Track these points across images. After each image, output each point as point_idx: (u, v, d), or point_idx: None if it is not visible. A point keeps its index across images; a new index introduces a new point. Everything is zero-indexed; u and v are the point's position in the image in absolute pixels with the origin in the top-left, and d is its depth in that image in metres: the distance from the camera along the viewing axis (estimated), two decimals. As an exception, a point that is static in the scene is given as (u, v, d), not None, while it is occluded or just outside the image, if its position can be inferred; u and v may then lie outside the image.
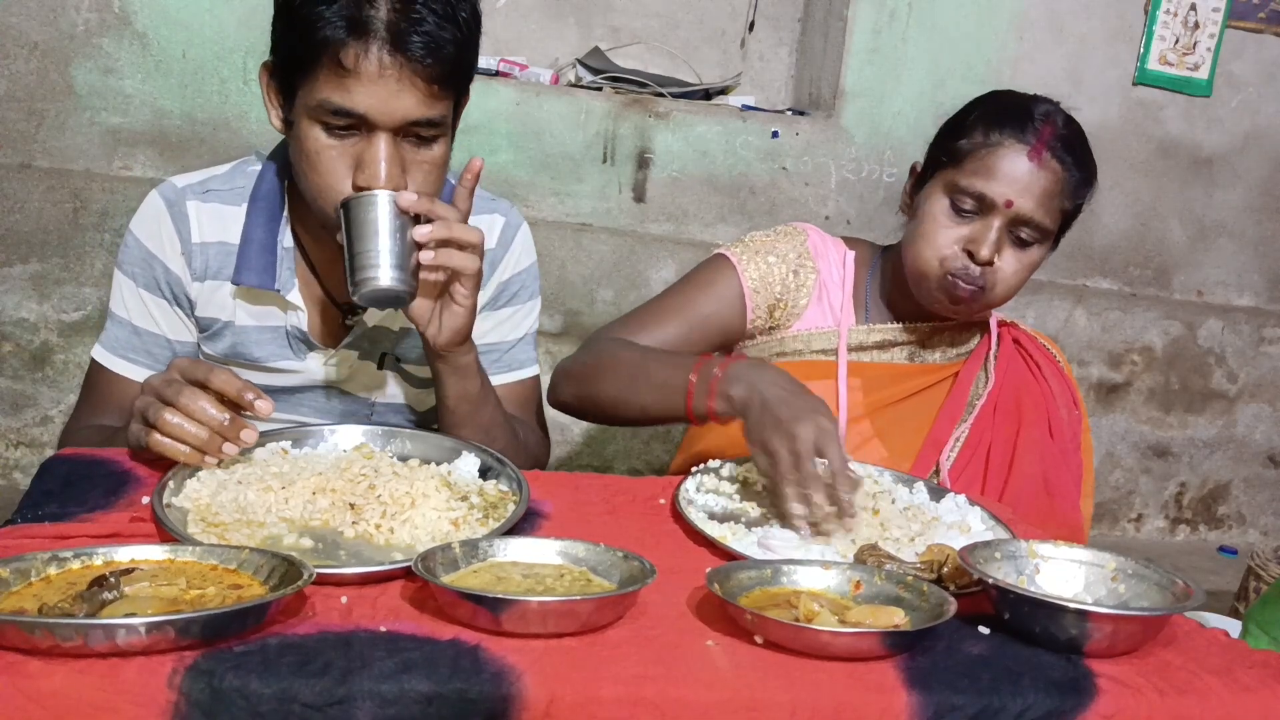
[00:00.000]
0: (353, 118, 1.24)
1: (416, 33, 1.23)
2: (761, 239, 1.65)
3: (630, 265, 2.81)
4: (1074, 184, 1.52)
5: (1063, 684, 0.90)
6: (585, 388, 1.52)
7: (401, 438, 1.30)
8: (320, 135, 1.27)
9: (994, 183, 1.49)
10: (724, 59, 3.25)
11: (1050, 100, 1.57)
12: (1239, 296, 3.48)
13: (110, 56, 2.62)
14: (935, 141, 1.61)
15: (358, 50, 1.22)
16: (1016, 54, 3.11)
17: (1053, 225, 1.53)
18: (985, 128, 1.52)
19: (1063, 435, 1.64)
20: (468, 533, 1.08)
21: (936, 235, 1.53)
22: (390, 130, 1.26)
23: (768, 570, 1.02)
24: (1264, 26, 3.27)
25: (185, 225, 1.42)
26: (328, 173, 1.28)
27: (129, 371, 1.44)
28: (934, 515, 1.29)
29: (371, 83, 1.23)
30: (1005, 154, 1.49)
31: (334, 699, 0.78)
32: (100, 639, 0.77)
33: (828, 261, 1.66)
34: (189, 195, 1.43)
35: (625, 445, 2.93)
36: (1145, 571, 1.06)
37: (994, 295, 1.55)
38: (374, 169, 1.25)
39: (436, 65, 1.25)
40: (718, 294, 1.61)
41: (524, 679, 0.81)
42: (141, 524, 1.04)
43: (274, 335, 1.45)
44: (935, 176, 1.56)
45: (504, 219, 1.54)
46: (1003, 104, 1.56)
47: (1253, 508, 3.51)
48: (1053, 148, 1.50)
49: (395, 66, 1.23)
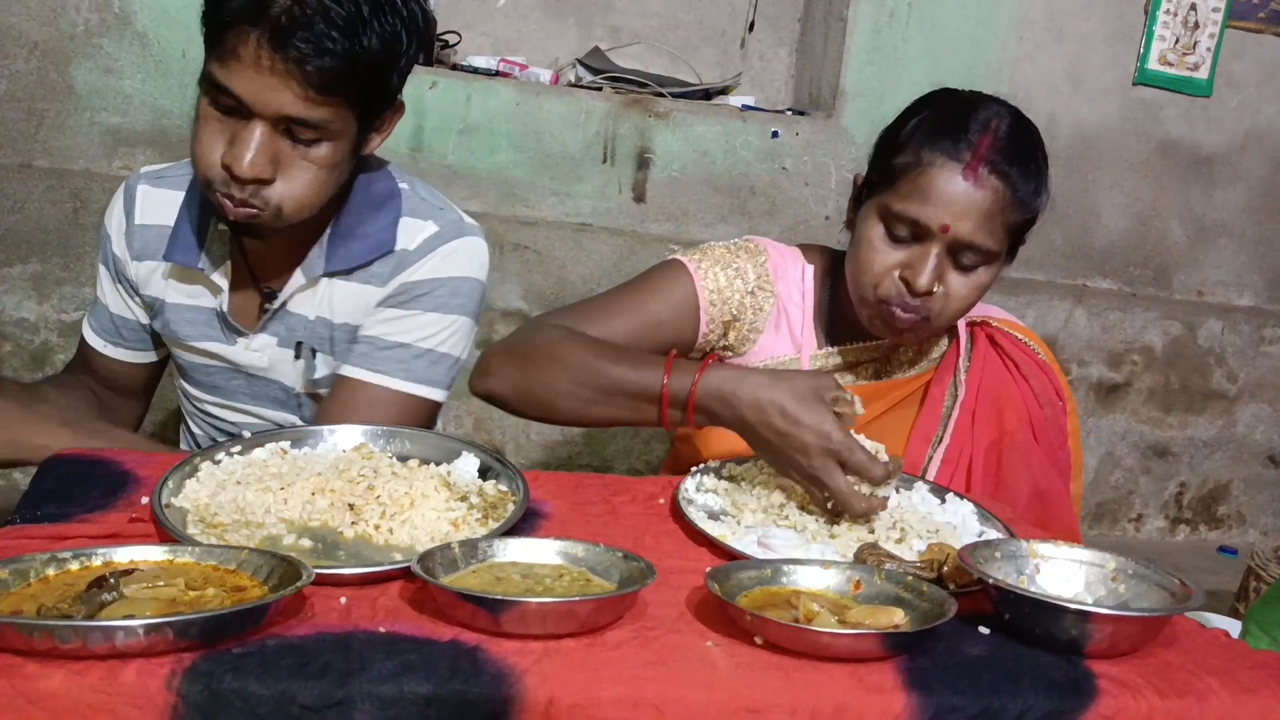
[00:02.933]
0: (232, 98, 1.27)
1: (300, 37, 1.23)
2: (721, 251, 1.56)
3: (630, 265, 2.80)
4: (1020, 197, 1.41)
5: (1063, 685, 0.90)
6: (529, 382, 1.38)
7: (401, 438, 1.30)
8: (206, 105, 1.31)
9: (927, 207, 1.38)
10: (724, 59, 3.25)
11: (994, 102, 1.45)
12: (1239, 296, 3.48)
13: (110, 56, 2.62)
14: (873, 154, 1.51)
15: (241, 35, 1.24)
16: (1016, 54, 3.11)
17: (998, 246, 1.42)
18: (918, 144, 1.41)
19: (1047, 434, 1.57)
20: (467, 533, 1.08)
21: (872, 262, 1.43)
22: (267, 120, 1.27)
23: (767, 570, 1.02)
24: (1264, 26, 3.27)
25: (132, 207, 1.51)
26: (205, 142, 1.31)
27: (102, 346, 1.59)
28: (930, 514, 1.29)
29: (249, 70, 1.25)
30: (938, 174, 1.38)
31: (333, 700, 0.77)
32: (99, 640, 0.77)
33: (787, 283, 1.58)
34: (144, 180, 1.53)
35: (625, 445, 2.93)
36: (1145, 572, 1.06)
37: (940, 321, 1.45)
38: (240, 150, 1.28)
39: (319, 72, 1.25)
40: (672, 299, 1.51)
41: (523, 680, 0.81)
42: (140, 524, 1.04)
43: (205, 316, 1.51)
44: (871, 198, 1.46)
45: (436, 228, 1.48)
46: (938, 115, 1.44)
47: (1253, 508, 3.51)
48: (991, 162, 1.38)
49: (271, 60, 1.24)
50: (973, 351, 1.60)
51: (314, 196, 1.36)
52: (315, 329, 1.50)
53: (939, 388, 1.57)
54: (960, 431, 1.54)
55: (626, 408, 1.33)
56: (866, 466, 1.19)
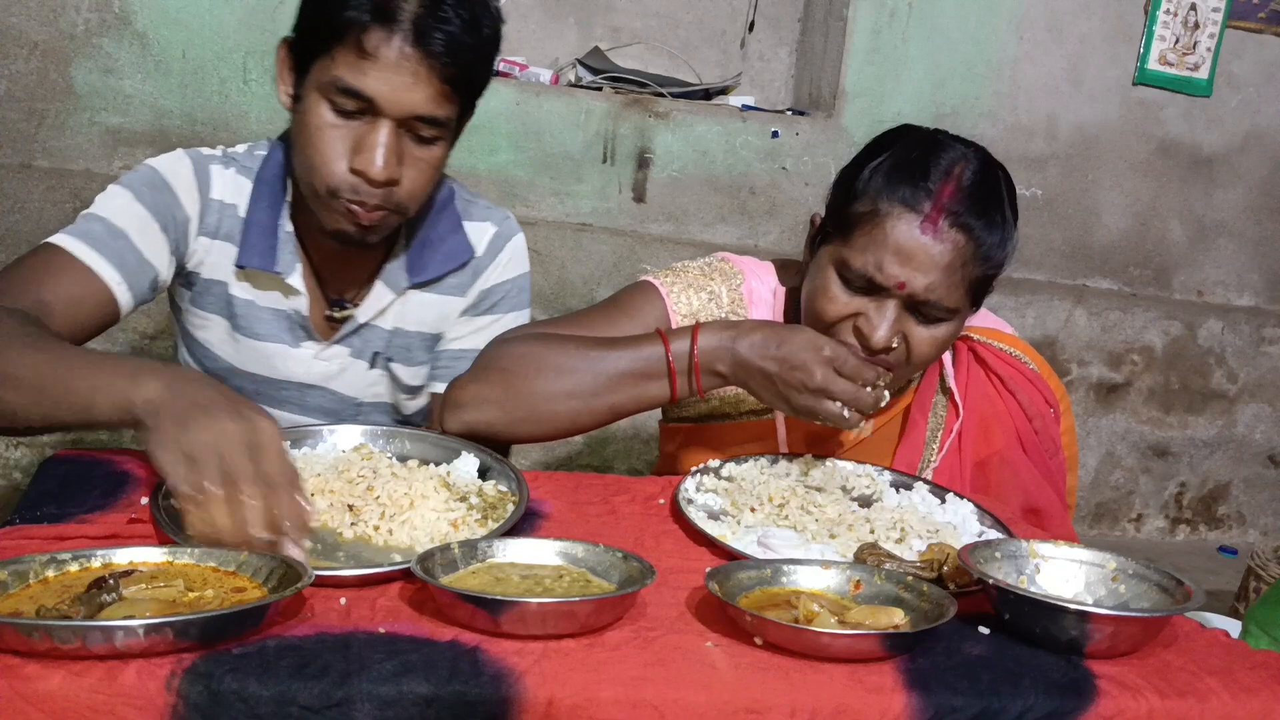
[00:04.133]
0: (362, 101, 1.27)
1: (440, 30, 1.26)
2: (694, 272, 1.51)
3: (630, 265, 2.80)
4: (984, 250, 1.32)
5: (1063, 685, 0.90)
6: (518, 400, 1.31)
7: (401, 438, 1.30)
8: (326, 112, 1.30)
9: (884, 262, 1.30)
10: (724, 59, 3.25)
11: (960, 144, 1.36)
12: (1239, 296, 3.48)
13: (110, 57, 2.62)
14: (830, 197, 1.44)
15: (380, 36, 1.25)
16: (1016, 54, 3.11)
17: (958, 302, 1.33)
18: (875, 192, 1.33)
19: (1038, 448, 1.52)
20: (467, 533, 1.08)
21: (826, 312, 1.35)
22: (395, 120, 1.28)
23: (767, 570, 1.02)
24: (1264, 26, 3.27)
25: (207, 180, 1.43)
26: (326, 149, 1.30)
27: (92, 260, 1.32)
28: (930, 514, 1.29)
29: (387, 70, 1.26)
30: (895, 226, 1.30)
31: (332, 701, 0.77)
32: (98, 641, 0.77)
33: (761, 306, 1.52)
34: (211, 160, 1.46)
35: (625, 445, 2.93)
36: (1145, 572, 1.06)
37: (904, 372, 1.39)
38: (372, 154, 1.28)
39: (453, 66, 1.28)
40: (642, 322, 1.44)
41: (523, 680, 0.81)
42: (140, 525, 1.04)
43: (275, 316, 1.47)
44: (826, 245, 1.39)
45: (495, 229, 1.54)
46: (898, 158, 1.35)
47: (1253, 508, 3.51)
48: (953, 213, 1.29)
49: (413, 59, 1.26)
50: (955, 369, 1.54)
51: (425, 195, 1.38)
52: (392, 340, 1.51)
53: (920, 411, 1.51)
54: (948, 454, 1.51)
55: (632, 389, 1.32)
56: (859, 369, 1.25)
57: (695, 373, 1.29)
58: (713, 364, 1.30)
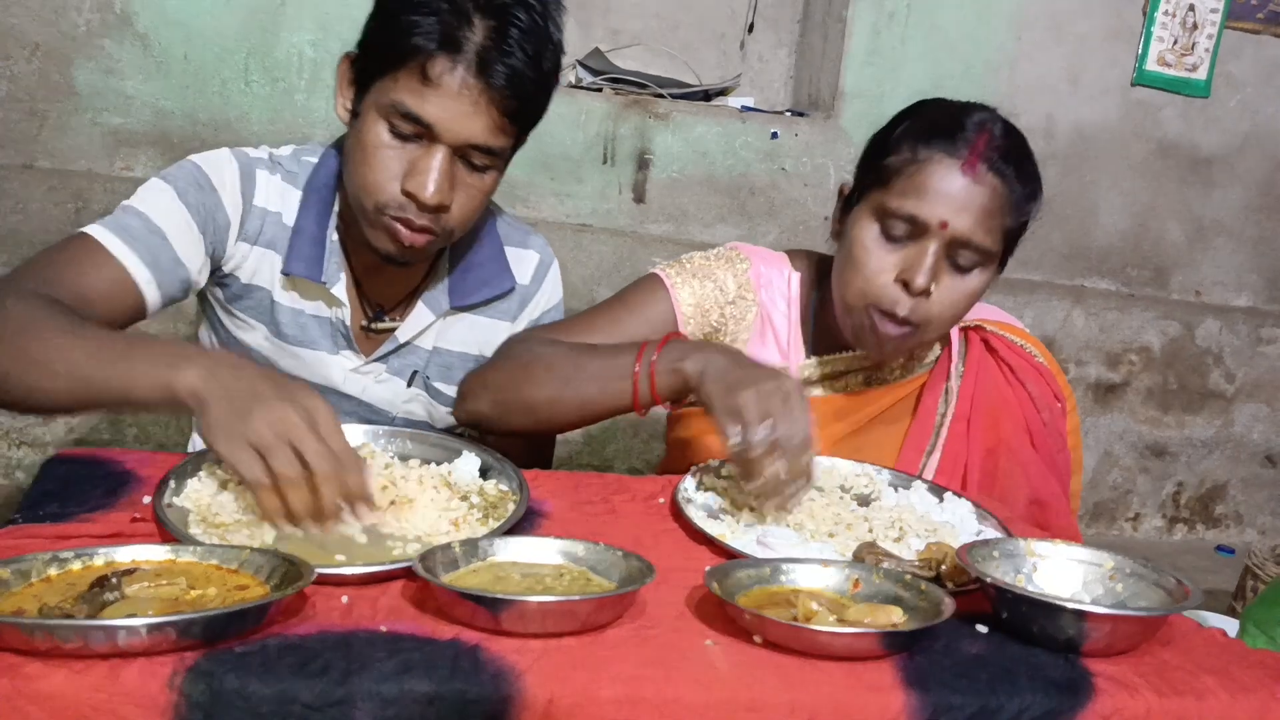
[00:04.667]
0: (420, 126, 1.28)
1: (503, 63, 1.27)
2: (700, 262, 1.54)
3: (630, 266, 2.81)
4: (1016, 199, 1.39)
5: (1060, 683, 0.91)
6: (507, 391, 1.38)
7: (402, 438, 1.30)
8: (383, 133, 1.31)
9: (926, 202, 1.36)
10: (723, 60, 3.25)
11: (986, 108, 1.44)
12: (1237, 297, 3.48)
13: (112, 57, 2.62)
14: (862, 160, 1.48)
15: (444, 64, 1.26)
16: (1015, 54, 3.11)
17: (995, 246, 1.40)
18: (913, 142, 1.39)
19: (1045, 441, 1.54)
20: (468, 532, 1.08)
21: (866, 264, 1.40)
22: (450, 146, 1.30)
23: (766, 569, 1.02)
24: (1262, 27, 3.28)
25: (251, 185, 1.44)
26: (380, 169, 1.31)
27: (124, 256, 1.31)
28: (928, 514, 1.30)
29: (448, 98, 1.27)
30: (936, 169, 1.36)
31: (334, 699, 0.78)
32: (100, 640, 0.77)
33: (771, 290, 1.55)
34: (258, 165, 1.46)
35: (625, 445, 2.93)
36: (1143, 571, 1.06)
37: (929, 331, 1.43)
38: (425, 178, 1.29)
39: (513, 99, 1.29)
40: (649, 317, 1.49)
41: (523, 679, 0.81)
42: (142, 524, 1.04)
43: (317, 323, 1.48)
44: (863, 200, 1.44)
45: (538, 256, 1.59)
46: (932, 115, 1.43)
47: (1250, 507, 3.52)
48: (989, 159, 1.36)
49: (474, 89, 1.27)
50: (967, 357, 1.57)
51: (473, 221, 1.40)
52: (432, 359, 1.54)
53: (931, 395, 1.54)
54: (955, 440, 1.52)
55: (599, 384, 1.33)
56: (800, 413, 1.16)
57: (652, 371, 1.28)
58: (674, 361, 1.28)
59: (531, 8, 1.30)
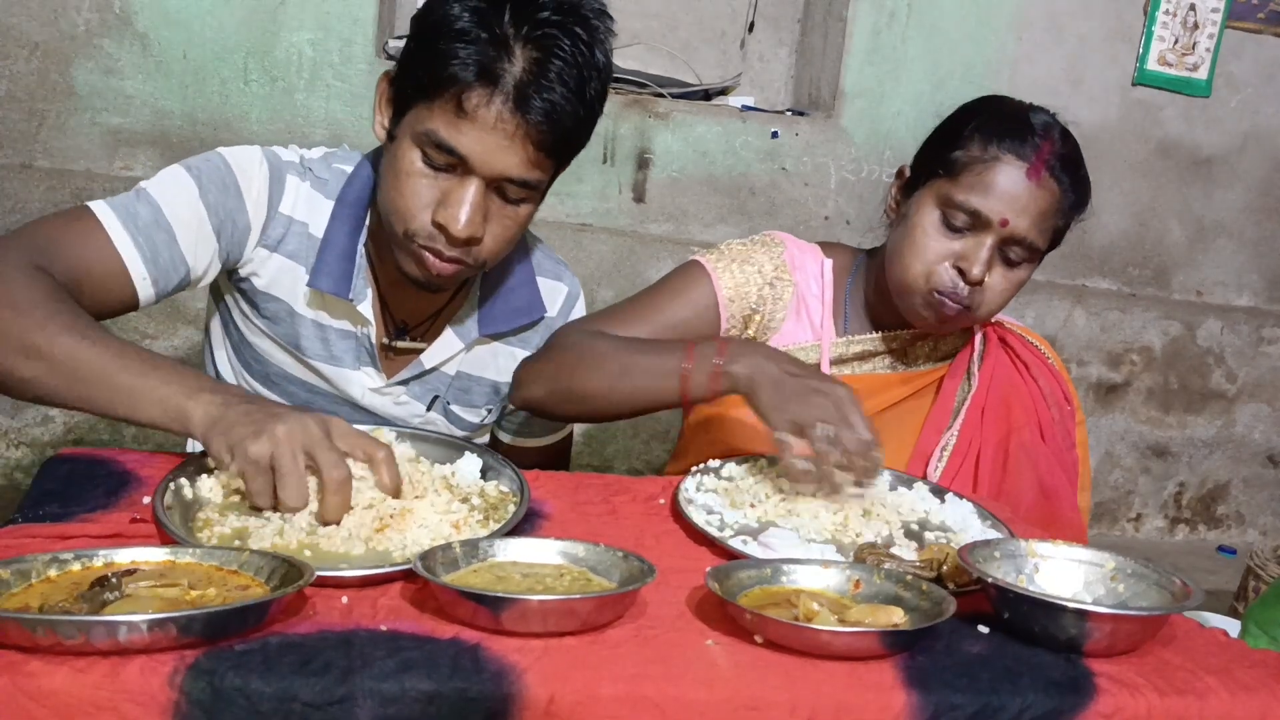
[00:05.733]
0: (454, 157, 1.26)
1: (541, 98, 1.23)
2: (738, 248, 1.61)
3: (630, 265, 2.81)
4: (1069, 204, 1.50)
5: (1062, 683, 0.91)
6: (562, 381, 1.42)
7: (403, 438, 1.30)
8: (416, 160, 1.28)
9: (990, 200, 1.45)
10: (724, 59, 3.25)
11: (1047, 111, 1.53)
12: (1238, 296, 3.48)
13: (111, 57, 2.62)
14: (928, 148, 1.57)
15: (480, 97, 1.22)
16: (1016, 54, 3.11)
17: (1044, 245, 1.51)
18: (983, 140, 1.48)
19: (1054, 436, 1.60)
20: (469, 534, 1.08)
21: (926, 249, 1.49)
22: (485, 179, 1.27)
23: (767, 569, 1.02)
24: (1263, 27, 3.28)
25: (280, 191, 1.40)
26: (412, 197, 1.29)
27: (124, 246, 1.26)
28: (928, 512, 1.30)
29: (483, 131, 1.24)
30: (1003, 170, 1.45)
31: (334, 698, 0.78)
32: (102, 636, 0.77)
33: (805, 274, 1.62)
34: (289, 169, 1.42)
35: (625, 445, 2.93)
36: (1144, 571, 1.06)
37: (979, 314, 1.53)
38: (456, 210, 1.27)
39: (550, 134, 1.26)
40: (691, 301, 1.56)
41: (524, 678, 0.81)
42: (142, 524, 1.04)
43: (341, 338, 1.45)
44: (927, 186, 1.51)
45: (567, 289, 1.58)
46: (1001, 114, 1.51)
47: (1252, 507, 3.51)
48: (1051, 166, 1.46)
49: (511, 124, 1.23)
50: (985, 350, 1.64)
51: (506, 251, 1.38)
52: (455, 383, 1.53)
53: (953, 381, 1.61)
54: (970, 425, 1.58)
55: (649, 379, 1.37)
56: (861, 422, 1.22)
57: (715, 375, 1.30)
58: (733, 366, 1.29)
59: (577, 36, 1.25)
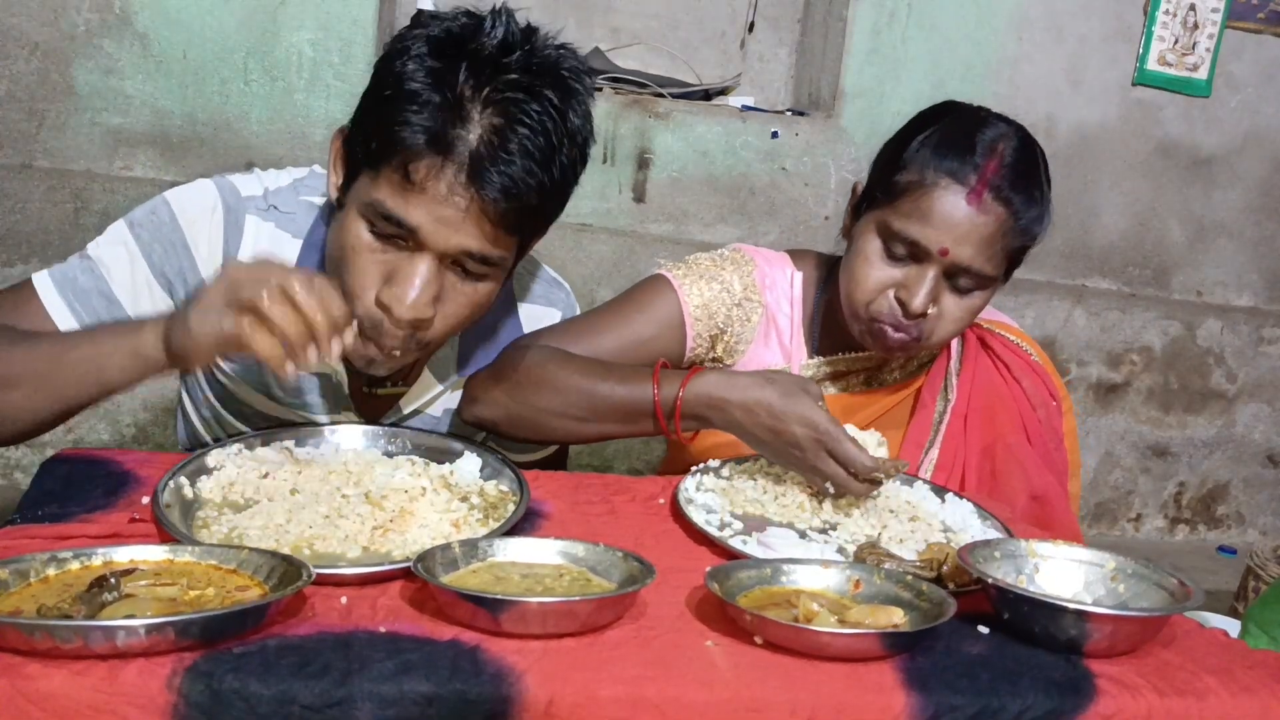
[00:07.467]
0: (403, 229, 1.14)
1: (498, 171, 1.12)
2: (706, 263, 1.54)
3: (630, 265, 2.81)
4: (1022, 224, 1.39)
5: (1062, 684, 0.91)
6: (518, 406, 1.34)
7: (403, 438, 1.30)
8: (363, 233, 1.16)
9: (928, 229, 1.36)
10: (724, 59, 3.25)
11: (1002, 121, 1.42)
12: (1238, 297, 3.48)
13: (111, 57, 2.62)
14: (874, 168, 1.48)
15: (430, 167, 1.11)
16: (1016, 54, 3.11)
17: (995, 271, 1.40)
18: (922, 163, 1.38)
19: (1041, 436, 1.54)
20: (468, 533, 1.08)
21: (867, 278, 1.41)
22: (437, 254, 1.16)
23: (767, 569, 1.02)
24: (1263, 27, 3.27)
25: (236, 237, 1.29)
26: (359, 274, 1.17)
27: (62, 318, 1.23)
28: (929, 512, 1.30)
29: (434, 203, 1.12)
30: (942, 196, 1.36)
31: (333, 700, 0.78)
32: (100, 640, 0.77)
33: (775, 293, 1.55)
34: (249, 207, 1.31)
35: (625, 445, 2.93)
36: (1144, 571, 1.06)
37: (931, 342, 1.44)
38: (403, 289, 1.15)
39: (510, 209, 1.14)
40: (656, 317, 1.49)
41: (524, 679, 0.81)
42: (141, 524, 1.04)
43: (311, 385, 1.37)
44: (870, 211, 1.44)
45: (560, 314, 1.50)
46: (946, 133, 1.41)
47: (1252, 507, 3.51)
48: (996, 188, 1.35)
49: (464, 197, 1.12)
50: (964, 355, 1.58)
51: (457, 333, 1.27)
52: (439, 423, 1.45)
53: (930, 393, 1.55)
54: (953, 436, 1.53)
55: (619, 422, 1.34)
56: (853, 457, 1.21)
57: (676, 416, 1.29)
58: (699, 410, 1.29)
59: (547, 100, 1.14)
